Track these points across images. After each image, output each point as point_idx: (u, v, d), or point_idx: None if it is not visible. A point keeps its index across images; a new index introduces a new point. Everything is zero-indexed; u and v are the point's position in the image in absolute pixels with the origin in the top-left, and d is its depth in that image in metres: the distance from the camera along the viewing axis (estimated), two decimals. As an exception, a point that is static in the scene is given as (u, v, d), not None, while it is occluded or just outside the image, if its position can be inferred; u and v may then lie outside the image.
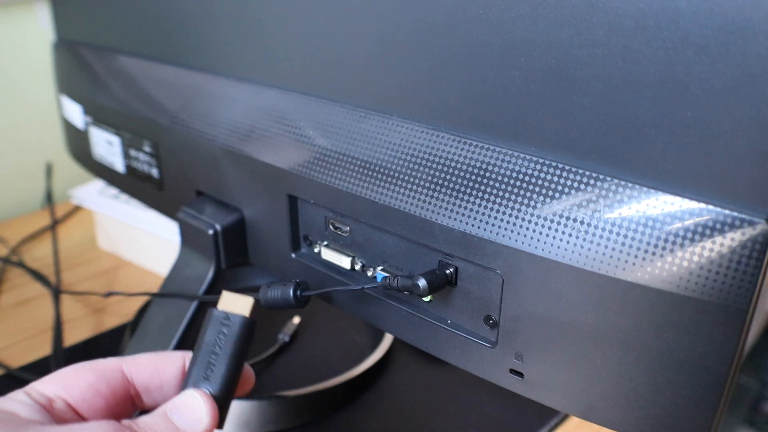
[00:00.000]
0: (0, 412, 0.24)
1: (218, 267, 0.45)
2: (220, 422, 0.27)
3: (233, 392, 0.28)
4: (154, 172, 0.51)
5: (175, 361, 0.29)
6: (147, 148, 0.50)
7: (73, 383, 0.27)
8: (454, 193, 0.31)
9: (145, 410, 0.28)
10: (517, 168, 0.29)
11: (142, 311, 0.58)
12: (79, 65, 0.56)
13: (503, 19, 0.28)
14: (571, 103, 0.27)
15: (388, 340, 0.57)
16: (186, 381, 0.28)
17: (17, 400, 0.25)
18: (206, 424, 0.26)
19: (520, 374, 0.32)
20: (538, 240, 0.29)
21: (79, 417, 0.26)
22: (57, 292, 0.63)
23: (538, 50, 0.28)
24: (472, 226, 0.31)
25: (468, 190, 0.31)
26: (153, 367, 0.28)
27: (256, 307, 0.31)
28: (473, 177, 0.31)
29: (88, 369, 0.27)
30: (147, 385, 0.28)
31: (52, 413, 0.25)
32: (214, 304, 0.30)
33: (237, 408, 0.48)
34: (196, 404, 0.26)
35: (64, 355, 0.55)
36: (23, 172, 0.87)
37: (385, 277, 0.34)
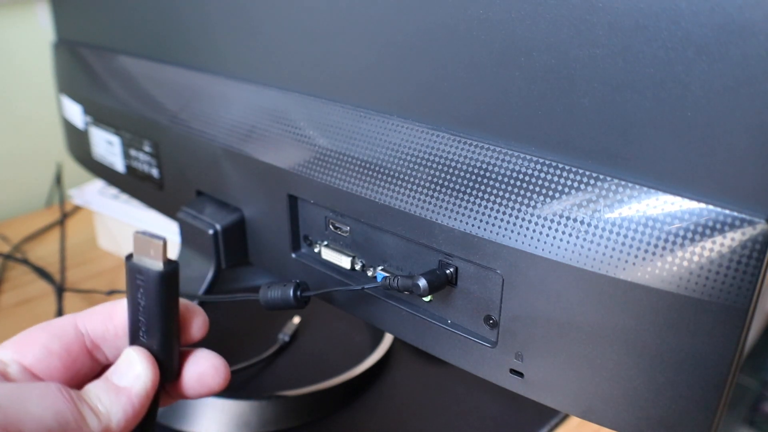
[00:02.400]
0: None
1: (218, 267, 0.45)
2: (168, 373, 0.27)
3: (175, 341, 0.27)
4: (154, 172, 0.51)
5: (125, 306, 0.28)
6: (147, 148, 0.50)
7: (26, 346, 0.26)
8: (454, 193, 0.31)
9: (110, 365, 0.27)
10: (517, 168, 0.29)
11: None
12: (79, 65, 0.56)
13: (503, 18, 0.28)
14: (571, 102, 0.27)
15: (388, 340, 0.57)
16: (128, 338, 0.27)
17: None
18: (145, 377, 0.26)
19: (520, 374, 0.32)
20: (539, 240, 0.29)
21: (37, 378, 0.26)
22: (61, 290, 0.63)
23: (538, 50, 0.28)
24: (472, 226, 0.31)
25: (468, 190, 0.31)
26: (105, 314, 0.28)
27: (256, 305, 0.30)
28: (473, 177, 0.31)
29: (40, 330, 0.27)
30: (103, 335, 0.28)
31: (7, 378, 0.25)
32: (215, 305, 0.28)
33: (237, 408, 0.48)
34: (133, 360, 0.26)
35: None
36: (25, 172, 0.87)
37: (385, 277, 0.34)
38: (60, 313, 0.59)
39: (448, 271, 0.33)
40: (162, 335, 0.26)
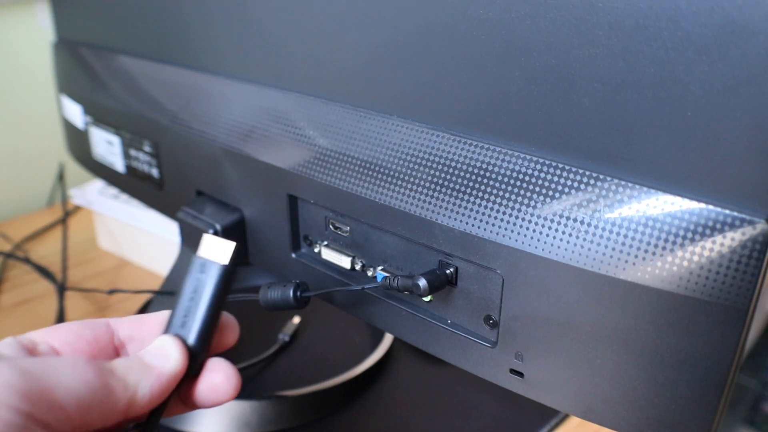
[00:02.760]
0: None
1: (218, 267, 0.45)
2: (193, 369, 0.28)
3: (210, 340, 0.28)
4: (154, 172, 0.51)
5: (160, 316, 0.29)
6: (147, 148, 0.50)
7: (59, 330, 0.28)
8: (455, 193, 0.31)
9: None
10: (517, 168, 0.29)
11: (144, 310, 0.58)
12: (79, 65, 0.56)
13: (503, 18, 0.28)
14: (571, 102, 0.27)
15: (388, 340, 0.57)
16: (165, 329, 0.28)
17: (2, 342, 0.26)
18: (175, 361, 0.26)
19: (520, 374, 0.32)
20: (538, 240, 0.29)
21: None
22: (62, 289, 0.63)
23: (539, 50, 0.28)
24: (472, 225, 0.31)
25: (468, 190, 0.31)
26: (137, 320, 0.29)
27: (256, 305, 0.30)
28: (473, 177, 0.31)
29: (75, 322, 0.28)
30: (131, 337, 0.29)
31: (34, 354, 0.26)
32: None
33: (237, 408, 0.48)
34: (166, 345, 0.27)
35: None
36: (26, 172, 0.87)
37: (385, 277, 0.34)
38: (61, 312, 0.59)
39: (448, 271, 0.33)
40: (201, 329, 0.27)
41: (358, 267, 0.38)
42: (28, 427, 0.22)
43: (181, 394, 0.28)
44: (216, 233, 0.44)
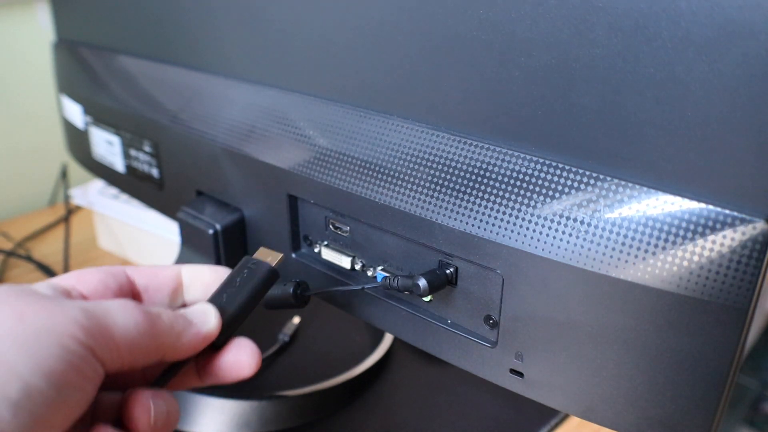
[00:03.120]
0: (32, 291, 0.26)
1: (218, 267, 0.45)
2: (220, 342, 0.30)
3: (239, 323, 0.31)
4: (154, 172, 0.51)
5: (173, 269, 0.32)
6: (147, 148, 0.50)
7: (87, 278, 0.30)
8: (455, 193, 0.31)
9: None
10: (517, 168, 0.29)
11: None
12: (79, 65, 0.56)
13: (503, 18, 0.28)
14: (571, 102, 0.27)
15: (388, 340, 0.57)
16: (208, 299, 0.31)
17: (41, 287, 0.28)
18: (212, 324, 0.29)
19: (520, 374, 0.32)
20: (538, 240, 0.29)
21: None
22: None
23: (539, 50, 0.28)
24: (473, 225, 0.31)
25: (468, 190, 0.31)
26: (152, 271, 0.32)
27: (258, 308, 0.31)
28: (473, 177, 0.31)
29: (98, 269, 0.30)
30: (146, 286, 0.31)
31: (70, 298, 0.28)
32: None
33: (237, 408, 0.48)
34: (207, 310, 0.30)
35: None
36: (28, 171, 0.87)
37: (385, 277, 0.34)
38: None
39: (448, 271, 0.33)
40: (235, 311, 0.31)
41: (358, 267, 0.38)
42: (88, 360, 0.24)
43: (200, 367, 0.31)
44: (216, 233, 0.44)
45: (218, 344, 0.30)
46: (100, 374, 0.25)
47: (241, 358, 0.30)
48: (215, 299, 0.31)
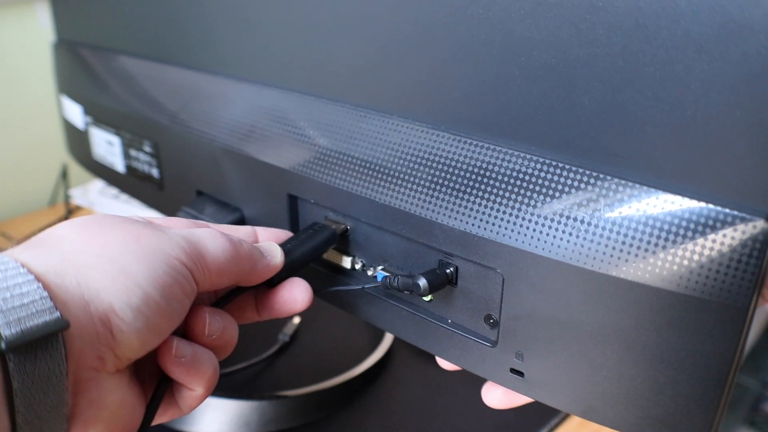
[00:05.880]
0: (137, 220, 0.30)
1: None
2: (277, 280, 0.34)
3: (296, 270, 0.35)
4: (155, 172, 0.51)
5: (249, 227, 0.36)
6: (147, 148, 0.50)
7: (173, 222, 0.33)
8: (455, 193, 0.31)
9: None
10: (517, 167, 0.29)
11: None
12: (80, 66, 0.56)
13: (503, 18, 0.28)
14: (571, 102, 0.27)
15: (388, 340, 0.57)
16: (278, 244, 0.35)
17: (132, 215, 0.31)
18: (278, 260, 0.33)
19: (521, 373, 0.32)
20: (539, 239, 0.29)
21: None
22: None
23: (539, 49, 0.28)
24: (473, 225, 0.31)
25: (468, 190, 0.31)
26: (231, 228, 0.36)
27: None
28: (473, 176, 0.31)
29: (184, 219, 0.34)
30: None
31: None
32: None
33: (237, 408, 0.48)
34: (276, 248, 0.34)
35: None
36: (28, 171, 0.87)
37: (385, 277, 0.34)
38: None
39: (448, 271, 0.33)
40: (296, 257, 0.35)
41: (358, 267, 0.38)
42: (189, 279, 0.28)
43: (259, 302, 0.34)
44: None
45: (275, 281, 0.34)
46: (195, 292, 0.29)
47: (295, 293, 0.34)
48: (284, 244, 0.36)
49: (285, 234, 0.37)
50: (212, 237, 0.30)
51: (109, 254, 0.26)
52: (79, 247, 0.27)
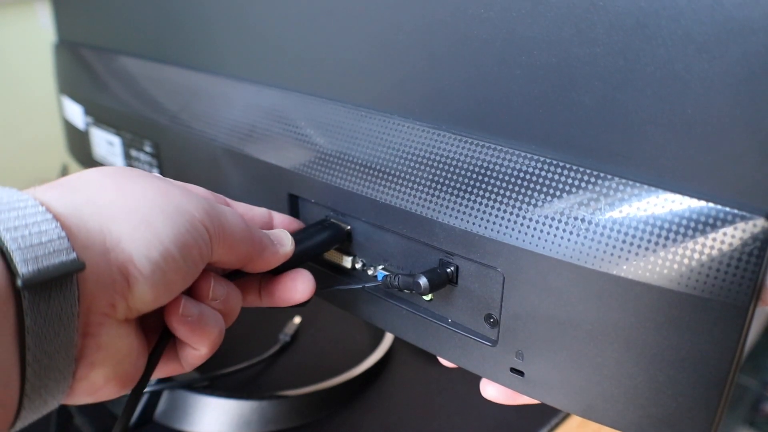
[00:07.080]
0: (163, 178, 0.30)
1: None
2: (282, 268, 0.34)
3: (302, 262, 0.35)
4: (155, 172, 0.51)
5: (264, 209, 0.37)
6: (148, 149, 0.50)
7: (197, 190, 0.33)
8: (455, 192, 0.31)
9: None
10: (517, 166, 0.30)
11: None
12: (80, 66, 0.56)
13: (504, 17, 0.28)
14: (572, 101, 0.27)
15: (388, 340, 0.57)
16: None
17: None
18: (287, 248, 0.34)
19: (521, 373, 0.32)
20: (539, 238, 0.29)
21: None
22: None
23: (539, 48, 0.28)
24: (473, 224, 0.31)
25: (469, 189, 0.31)
26: (247, 207, 0.36)
27: (258, 308, 0.32)
28: (474, 175, 0.31)
29: (204, 190, 0.34)
30: (243, 214, 0.36)
31: None
32: None
33: (237, 408, 0.48)
34: (286, 237, 0.34)
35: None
36: (27, 172, 0.87)
37: (385, 276, 0.34)
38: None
39: (448, 270, 0.33)
40: (304, 248, 0.35)
41: (358, 266, 0.38)
42: (207, 242, 0.29)
43: (263, 288, 0.35)
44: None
45: (280, 270, 0.34)
46: (209, 257, 0.29)
47: (297, 284, 0.34)
48: (294, 236, 0.36)
49: (298, 223, 0.38)
50: (231, 212, 0.31)
51: (136, 204, 0.27)
52: (106, 193, 0.27)
